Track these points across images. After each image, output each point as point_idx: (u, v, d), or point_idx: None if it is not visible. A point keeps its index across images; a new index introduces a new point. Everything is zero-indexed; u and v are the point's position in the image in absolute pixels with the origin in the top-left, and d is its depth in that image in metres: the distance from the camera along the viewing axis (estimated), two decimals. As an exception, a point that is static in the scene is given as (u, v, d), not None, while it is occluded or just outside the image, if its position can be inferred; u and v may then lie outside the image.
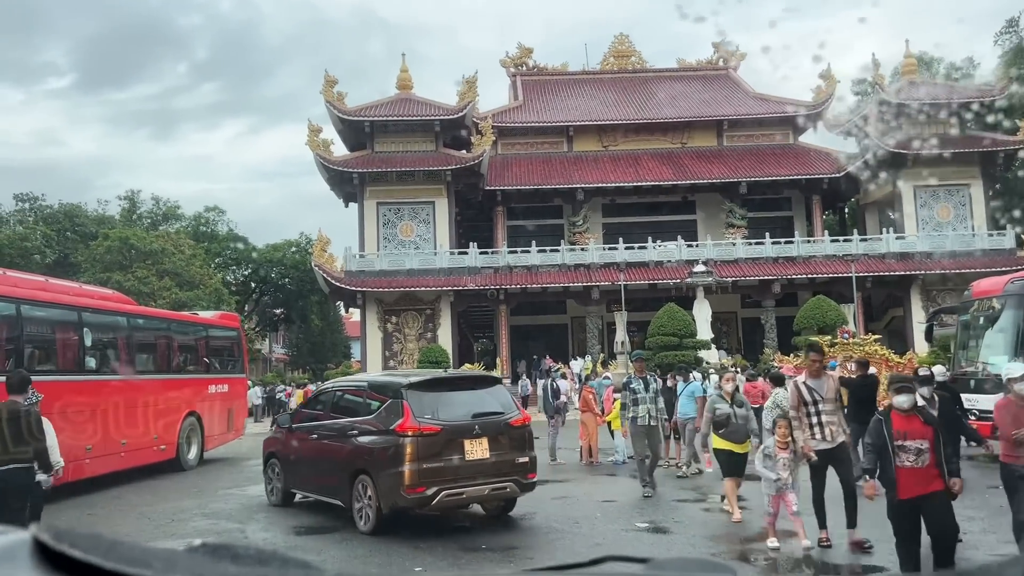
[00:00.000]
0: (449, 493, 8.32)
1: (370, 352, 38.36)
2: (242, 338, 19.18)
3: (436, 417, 8.49)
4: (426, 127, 39.49)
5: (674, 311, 30.62)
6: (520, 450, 8.90)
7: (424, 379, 9.17)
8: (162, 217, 44.45)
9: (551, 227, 43.42)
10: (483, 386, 9.55)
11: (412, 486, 8.16)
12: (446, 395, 8.94)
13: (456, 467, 8.38)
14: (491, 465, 8.55)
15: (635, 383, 10.78)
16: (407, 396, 8.60)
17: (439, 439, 8.36)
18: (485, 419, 8.74)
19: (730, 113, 44.15)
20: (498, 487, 8.69)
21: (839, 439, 7.52)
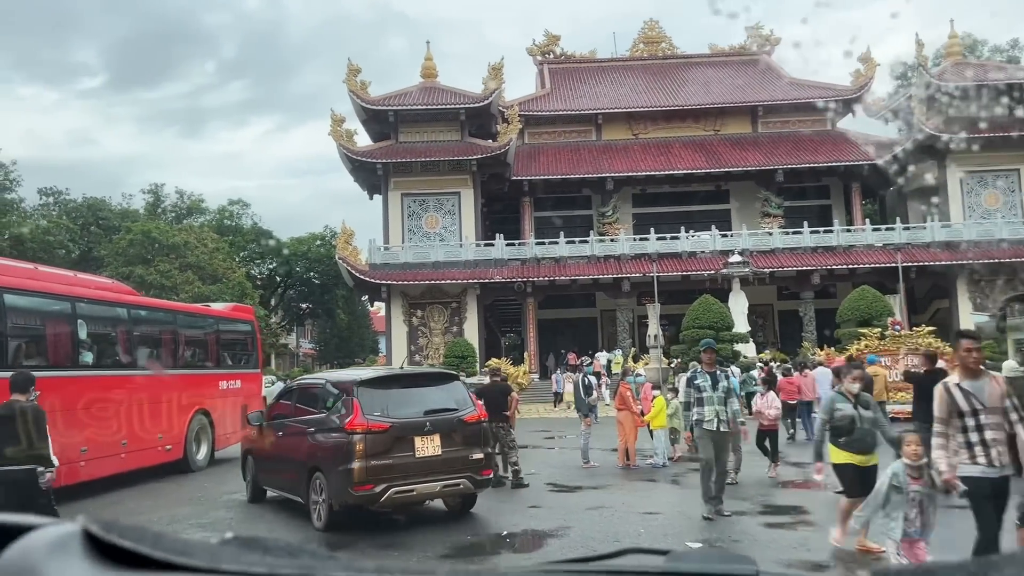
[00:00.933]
0: (398, 490, 8.27)
1: (395, 347, 37.30)
2: (257, 332, 18.12)
3: (386, 414, 8.42)
4: (451, 116, 38.29)
5: (709, 303, 29.17)
6: (474, 447, 8.81)
7: (376, 376, 9.16)
8: (186, 211, 43.75)
9: (580, 218, 42.06)
10: (439, 383, 9.42)
11: (360, 483, 8.13)
12: (398, 392, 8.93)
13: (406, 464, 8.33)
14: (443, 462, 8.50)
15: (701, 378, 8.95)
16: (358, 393, 8.55)
17: (388, 436, 8.31)
18: (437, 416, 8.64)
19: (765, 99, 42.44)
20: (451, 484, 8.61)
21: (1007, 466, 5.47)
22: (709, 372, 9.02)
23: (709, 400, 8.80)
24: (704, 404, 8.81)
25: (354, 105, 38.07)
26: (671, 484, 11.72)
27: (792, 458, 13.74)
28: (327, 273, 46.99)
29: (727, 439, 9.06)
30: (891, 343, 21.16)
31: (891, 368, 21.28)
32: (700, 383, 8.92)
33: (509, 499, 10.75)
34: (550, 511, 9.67)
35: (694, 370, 9.32)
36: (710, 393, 8.80)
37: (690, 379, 9.20)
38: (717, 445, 8.83)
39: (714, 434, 8.79)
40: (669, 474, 12.61)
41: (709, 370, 9.04)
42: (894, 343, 21.16)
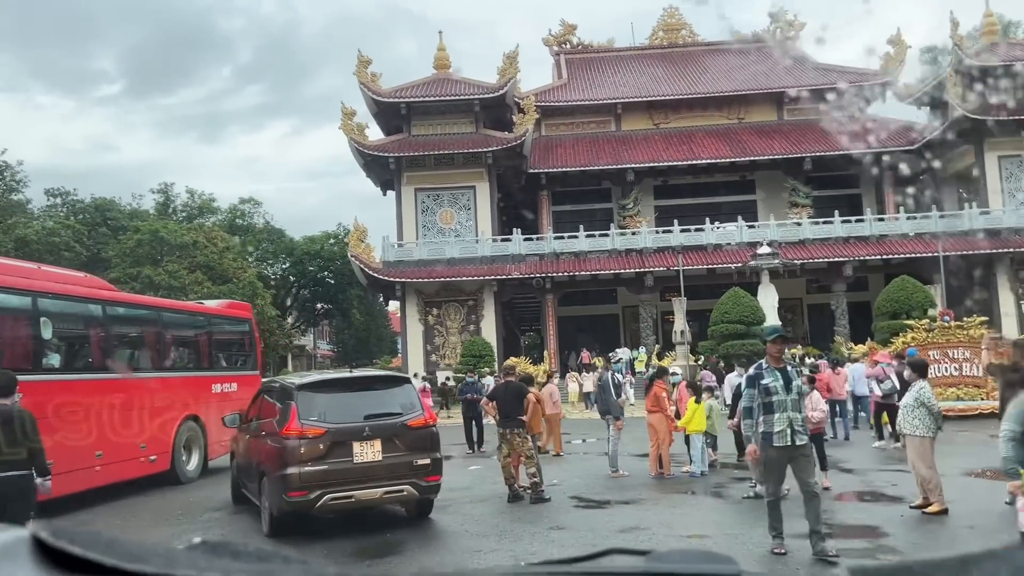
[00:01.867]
0: (335, 497, 8.04)
1: (411, 346, 35.92)
2: (255, 331, 16.73)
3: (324, 419, 8.20)
4: (465, 107, 36.82)
5: (739, 296, 27.50)
6: (420, 452, 8.45)
7: (317, 380, 8.89)
8: (197, 211, 42.62)
9: (599, 211, 40.47)
10: (385, 386, 9.10)
11: (293, 489, 7.95)
12: (339, 396, 8.62)
13: (343, 470, 8.08)
14: (384, 468, 8.20)
15: (770, 377, 6.76)
16: (296, 398, 8.36)
17: (324, 441, 8.09)
18: (378, 420, 8.34)
19: (791, 84, 40.58)
20: (392, 490, 8.33)
21: None
22: (779, 369, 6.79)
23: (780, 405, 6.62)
24: (774, 411, 6.64)
25: (365, 98, 36.74)
26: (714, 498, 10.15)
27: (841, 463, 12.16)
28: (341, 272, 45.70)
29: (806, 455, 6.91)
30: (939, 335, 19.41)
31: (940, 362, 19.62)
32: (769, 383, 6.69)
33: (527, 517, 9.25)
34: (575, 534, 8.15)
35: (759, 366, 7.00)
36: (782, 396, 6.62)
37: (754, 377, 6.89)
38: (794, 463, 6.75)
39: (789, 450, 6.65)
40: (709, 485, 11.05)
41: (779, 366, 6.82)
42: (943, 335, 19.41)
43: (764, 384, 6.76)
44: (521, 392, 10.35)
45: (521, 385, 10.45)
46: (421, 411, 8.78)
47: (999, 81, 34.88)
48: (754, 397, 6.81)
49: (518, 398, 10.20)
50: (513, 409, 10.16)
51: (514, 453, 10.21)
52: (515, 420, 10.13)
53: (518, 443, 10.14)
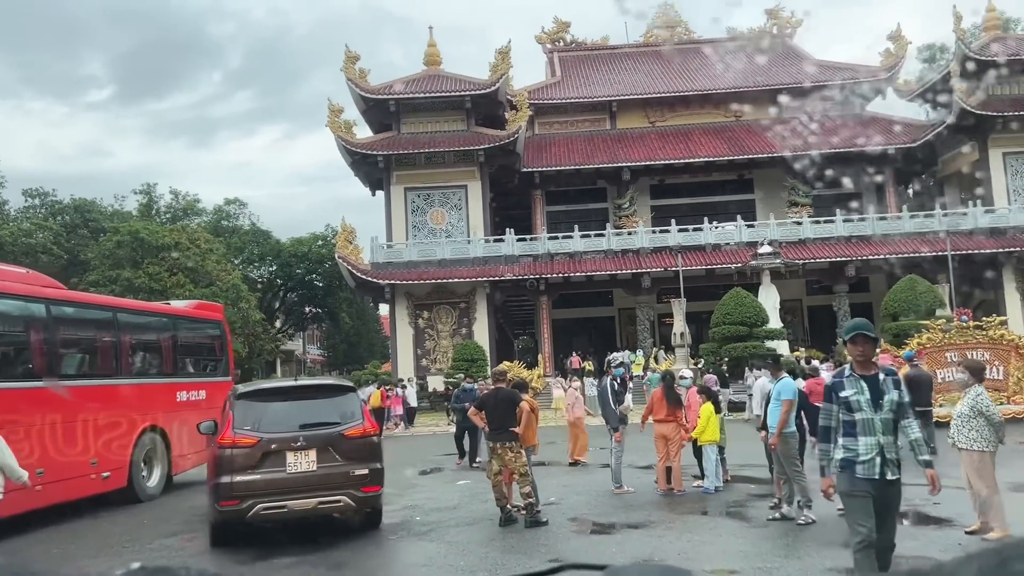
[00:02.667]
0: (266, 506, 7.89)
1: (400, 350, 34.61)
2: (227, 334, 15.39)
3: (258, 428, 8.06)
4: (456, 104, 35.57)
5: (742, 296, 26.28)
6: (357, 462, 8.20)
7: (256, 389, 8.94)
8: (181, 212, 41.20)
9: (594, 212, 39.28)
10: (326, 395, 8.83)
11: (224, 498, 7.87)
12: (276, 405, 8.50)
13: (276, 480, 7.93)
14: (318, 478, 8.01)
15: (851, 387, 4.96)
16: (234, 407, 8.36)
17: (256, 451, 7.95)
18: (313, 430, 8.17)
19: (789, 81, 39.49)
20: (328, 501, 8.07)
21: None
22: (866, 377, 4.92)
23: (866, 426, 4.83)
24: (857, 432, 4.84)
25: (353, 95, 35.47)
26: (735, 520, 8.88)
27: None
28: (330, 275, 44.37)
29: (897, 495, 5.05)
30: (957, 336, 18.21)
31: (958, 365, 18.41)
32: (851, 396, 4.90)
33: (521, 546, 7.96)
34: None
35: (839, 374, 5.16)
36: (867, 414, 4.83)
37: (833, 388, 5.08)
38: (884, 502, 4.91)
39: (877, 485, 4.81)
40: (726, 503, 9.78)
41: (865, 372, 4.95)
42: (961, 336, 18.20)
43: (844, 397, 4.93)
44: (514, 400, 9.06)
45: (513, 392, 9.16)
46: (361, 421, 8.52)
47: (1004, 76, 33.83)
48: (832, 414, 5.02)
49: (511, 407, 8.91)
50: (504, 419, 8.88)
51: (505, 470, 8.93)
52: (507, 432, 8.85)
53: (510, 458, 8.85)
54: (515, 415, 8.86)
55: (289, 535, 8.83)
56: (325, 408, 8.54)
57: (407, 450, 19.12)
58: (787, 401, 8.36)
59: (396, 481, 13.16)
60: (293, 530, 8.88)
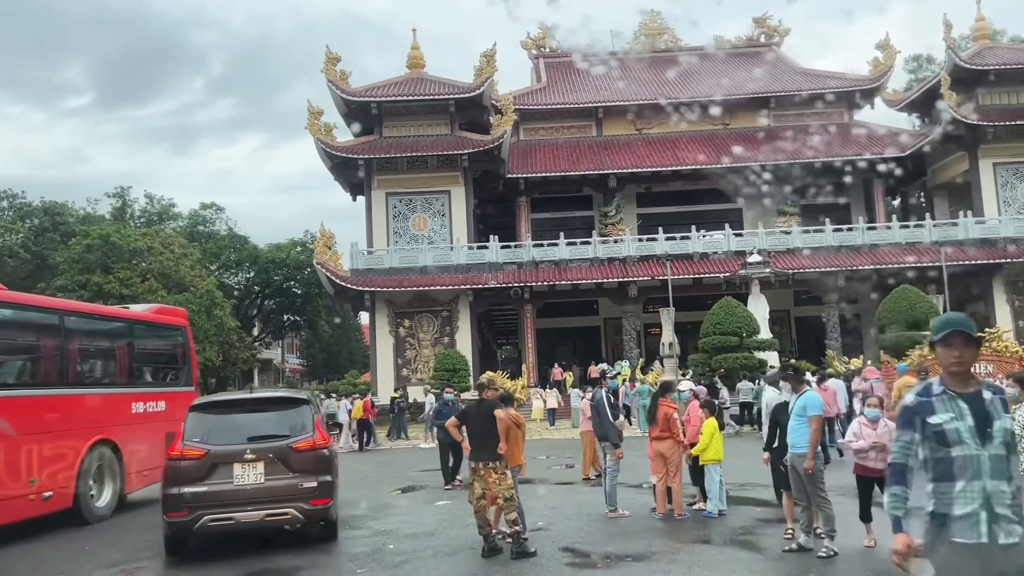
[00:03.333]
0: (213, 518, 7.89)
1: (380, 360, 33.49)
2: (189, 341, 14.26)
3: (207, 441, 8.09)
4: (440, 108, 34.63)
5: (732, 306, 25.44)
6: (306, 475, 8.15)
7: (209, 401, 8.99)
8: (156, 216, 39.91)
9: (580, 219, 38.40)
10: (278, 408, 8.76)
11: (172, 510, 7.96)
12: (226, 418, 8.52)
13: (223, 492, 7.92)
14: (266, 490, 8.00)
15: (943, 411, 3.31)
16: (187, 418, 8.40)
17: (203, 463, 7.98)
18: (262, 443, 8.13)
19: (777, 90, 38.91)
20: (276, 514, 8.03)
21: None
22: (965, 395, 3.32)
23: (970, 466, 3.24)
24: (955, 475, 3.25)
25: (334, 98, 34.44)
26: (744, 550, 7.91)
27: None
28: (308, 282, 43.17)
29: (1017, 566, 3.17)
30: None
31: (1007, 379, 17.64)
32: (945, 422, 3.30)
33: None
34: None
35: (926, 391, 3.40)
36: (972, 448, 3.25)
37: (915, 411, 3.37)
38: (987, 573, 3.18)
39: (985, 551, 3.17)
40: (732, 530, 8.82)
41: (964, 389, 3.34)
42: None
43: (936, 425, 3.31)
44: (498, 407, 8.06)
45: (497, 404, 8.15)
46: (311, 433, 8.37)
47: (995, 85, 33.37)
48: (912, 448, 3.39)
49: (495, 421, 7.91)
50: (488, 436, 7.87)
51: (489, 493, 7.92)
52: (490, 451, 7.84)
53: (494, 481, 7.84)
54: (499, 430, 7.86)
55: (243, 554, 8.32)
56: (275, 421, 8.47)
57: (386, 465, 18.04)
58: (816, 418, 7.40)
59: (370, 501, 12.11)
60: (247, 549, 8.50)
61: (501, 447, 7.80)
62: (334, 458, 8.87)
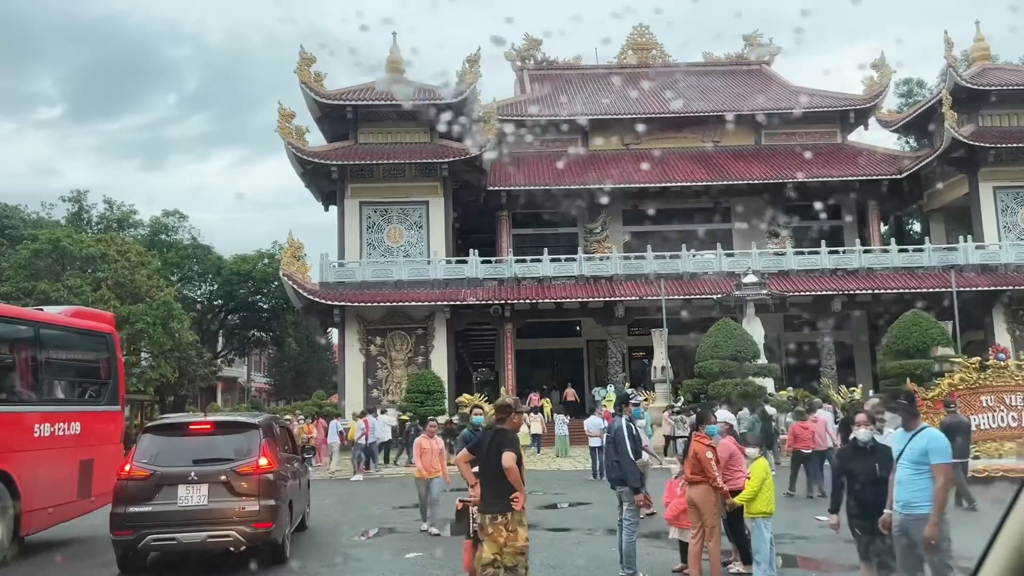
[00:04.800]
0: (157, 538, 8.09)
1: (349, 380, 31.14)
2: (117, 351, 11.91)
3: (154, 462, 8.28)
4: (420, 114, 32.43)
5: (731, 327, 23.46)
6: (249, 497, 8.20)
7: (163, 423, 9.22)
8: (116, 223, 37.34)
9: (564, 236, 36.43)
10: (227, 432, 8.85)
11: (117, 528, 8.12)
12: (176, 440, 8.67)
13: (167, 513, 8.05)
14: (209, 512, 8.09)
15: None
16: (139, 439, 8.63)
17: (149, 484, 8.16)
18: (206, 466, 8.25)
19: (769, 107, 37.34)
20: (217, 535, 8.11)
21: None
22: None
23: None
24: None
25: (307, 100, 32.30)
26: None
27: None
28: (275, 296, 40.69)
29: None
30: (994, 377, 15.49)
31: (994, 410, 15.74)
32: None
33: None
34: None
35: None
36: None
37: None
38: None
39: None
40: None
41: None
42: (999, 377, 15.49)
43: None
44: (510, 442, 5.86)
45: (515, 439, 5.96)
46: (256, 458, 8.42)
47: (996, 106, 32.05)
48: None
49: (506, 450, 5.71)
50: (504, 480, 5.67)
51: (501, 554, 5.68)
52: (504, 500, 5.65)
53: (507, 539, 5.62)
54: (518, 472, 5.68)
55: None
56: (223, 444, 8.59)
57: (351, 500, 15.66)
58: (944, 467, 5.30)
59: (326, 550, 9.84)
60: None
61: (518, 497, 5.62)
62: (281, 482, 8.77)
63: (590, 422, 18.12)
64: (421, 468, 11.27)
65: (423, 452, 11.31)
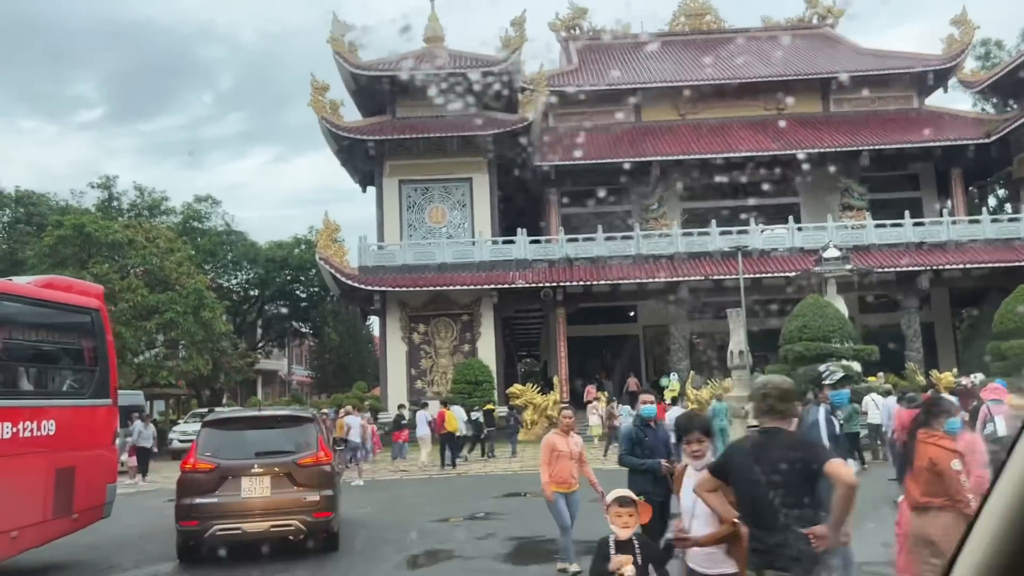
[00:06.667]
0: (223, 528, 8.20)
1: (391, 371, 28.78)
2: (106, 330, 9.50)
3: (217, 455, 8.42)
4: (462, 85, 29.92)
5: (822, 305, 20.49)
6: (309, 488, 8.42)
7: (220, 418, 9.40)
8: (147, 210, 35.48)
9: (616, 215, 33.49)
10: (284, 425, 9.15)
11: (184, 519, 8.27)
12: (236, 434, 8.83)
13: (232, 503, 8.24)
14: (272, 503, 8.28)
15: None
16: (199, 434, 8.81)
17: (213, 476, 8.30)
18: (268, 458, 8.45)
19: (837, 71, 34.01)
20: (280, 525, 8.27)
21: None
22: None
23: None
24: None
25: (342, 73, 29.94)
26: None
27: None
28: (313, 284, 38.53)
29: None
30: None
31: None
32: None
33: None
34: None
35: None
36: None
37: None
38: None
39: None
40: None
41: None
42: None
43: None
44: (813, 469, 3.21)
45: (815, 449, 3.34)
46: (315, 450, 8.64)
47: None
48: None
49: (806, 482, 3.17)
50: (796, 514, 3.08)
51: None
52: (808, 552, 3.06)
53: None
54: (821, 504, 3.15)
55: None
56: (282, 437, 8.84)
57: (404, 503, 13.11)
58: None
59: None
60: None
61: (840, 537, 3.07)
62: (336, 474, 9.19)
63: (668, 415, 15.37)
64: (552, 479, 7.39)
65: (556, 455, 7.42)
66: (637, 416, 7.20)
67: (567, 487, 7.41)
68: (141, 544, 10.45)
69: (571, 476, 7.41)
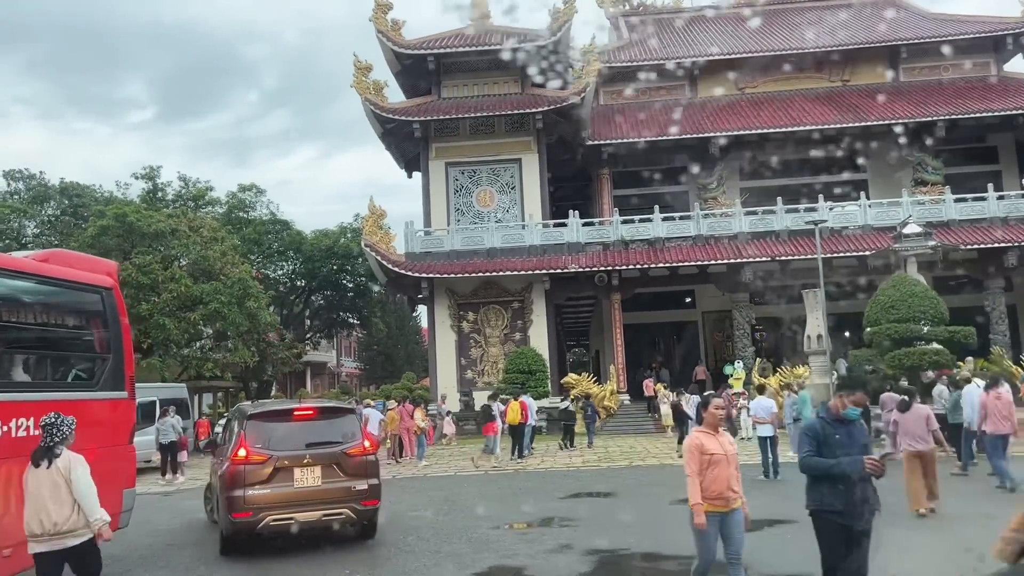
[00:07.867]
0: (276, 518, 8.27)
1: (441, 360, 27.43)
2: (121, 313, 8.20)
3: (268, 446, 8.46)
4: (509, 62, 28.29)
5: (909, 284, 18.49)
6: (358, 478, 8.59)
7: (266, 410, 9.23)
8: (192, 201, 34.67)
9: (672, 196, 31.63)
10: (329, 417, 9.10)
11: (237, 510, 8.25)
12: (284, 425, 8.80)
13: (284, 494, 8.32)
14: (323, 492, 8.43)
15: None
16: (246, 426, 8.63)
17: (266, 467, 8.33)
18: (318, 448, 8.55)
19: (908, 38, 31.69)
20: (331, 514, 8.46)
21: None
22: None
23: None
24: None
25: (384, 52, 28.58)
26: None
27: None
28: (359, 272, 37.39)
29: None
30: None
31: None
32: None
33: None
34: None
35: None
36: None
37: None
38: None
39: None
40: None
41: None
42: None
43: None
44: None
45: None
46: (358, 441, 8.82)
47: None
48: None
49: None
50: None
51: None
52: None
53: None
54: None
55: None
56: (329, 428, 8.85)
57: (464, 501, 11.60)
58: None
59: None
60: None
61: None
62: (379, 463, 9.26)
63: (758, 404, 13.69)
64: (705, 495, 5.41)
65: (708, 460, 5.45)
66: (823, 406, 5.45)
67: (724, 504, 5.40)
68: (170, 554, 9.17)
69: (729, 488, 5.41)
